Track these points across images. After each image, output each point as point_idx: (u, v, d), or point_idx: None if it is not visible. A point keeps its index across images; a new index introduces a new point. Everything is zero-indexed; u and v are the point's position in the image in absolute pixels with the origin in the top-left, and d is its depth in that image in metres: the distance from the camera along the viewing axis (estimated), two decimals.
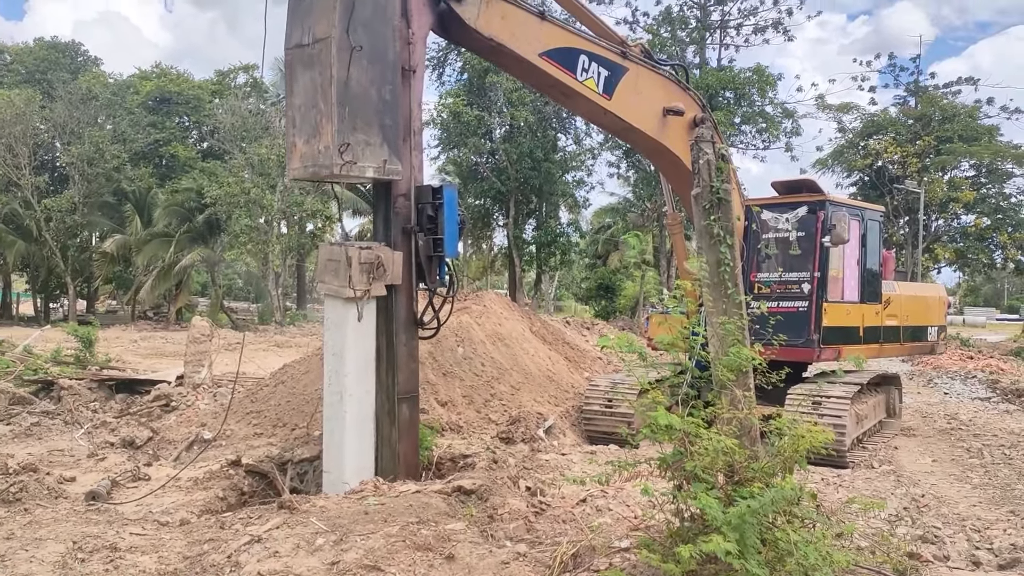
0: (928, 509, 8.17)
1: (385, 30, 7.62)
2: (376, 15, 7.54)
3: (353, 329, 7.81)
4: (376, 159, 7.54)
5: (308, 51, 7.49)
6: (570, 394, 13.17)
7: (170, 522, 7.06)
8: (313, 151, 7.45)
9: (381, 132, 7.59)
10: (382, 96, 7.61)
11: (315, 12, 7.46)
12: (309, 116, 7.48)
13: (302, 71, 7.58)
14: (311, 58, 7.46)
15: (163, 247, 40.75)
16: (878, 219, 13.30)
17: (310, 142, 7.49)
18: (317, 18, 7.42)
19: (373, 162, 7.51)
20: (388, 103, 7.66)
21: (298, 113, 7.63)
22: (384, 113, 7.62)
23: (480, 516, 6.39)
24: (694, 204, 6.07)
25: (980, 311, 76.39)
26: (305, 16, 7.57)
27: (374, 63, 7.52)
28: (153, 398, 13.72)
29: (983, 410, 16.05)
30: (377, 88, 7.56)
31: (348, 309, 7.75)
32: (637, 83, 10.00)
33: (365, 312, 7.85)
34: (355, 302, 7.71)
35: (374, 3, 7.55)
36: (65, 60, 51.43)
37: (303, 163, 7.60)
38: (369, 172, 7.52)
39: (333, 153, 7.21)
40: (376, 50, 7.53)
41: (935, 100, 44.43)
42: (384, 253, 7.83)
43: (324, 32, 7.31)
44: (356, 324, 7.81)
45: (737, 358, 5.30)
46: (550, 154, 39.36)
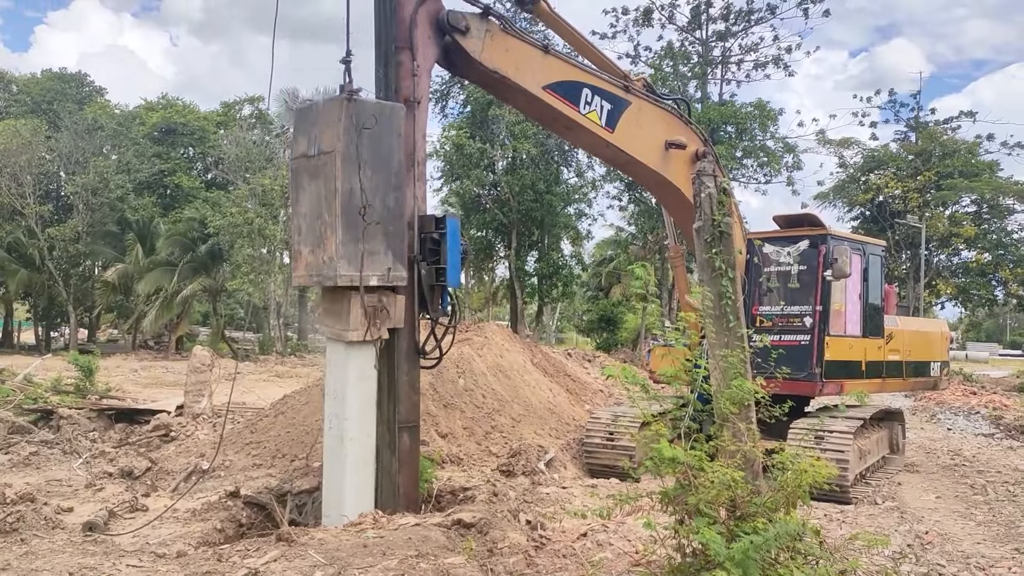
0: (932, 546, 8.09)
1: (390, 139, 7.68)
2: (382, 125, 7.60)
3: (355, 372, 7.79)
4: (380, 268, 7.60)
5: (314, 162, 7.57)
6: (571, 427, 13.10)
7: (167, 554, 6.99)
8: (318, 261, 7.56)
9: (385, 241, 7.64)
10: (386, 204, 7.65)
11: (320, 124, 7.56)
12: (314, 226, 7.57)
13: (308, 180, 7.66)
14: (316, 169, 7.54)
15: (165, 276, 40.83)
16: (880, 253, 13.31)
17: (315, 252, 7.59)
18: (322, 129, 7.51)
19: (377, 271, 7.58)
20: (392, 210, 7.71)
21: (304, 222, 7.73)
22: (388, 221, 7.67)
23: (480, 550, 6.32)
24: (696, 237, 6.08)
25: (983, 346, 76.16)
26: (311, 127, 7.67)
27: (378, 172, 7.57)
28: (152, 428, 13.66)
29: (987, 446, 15.94)
30: (381, 196, 7.61)
31: (350, 353, 7.74)
32: (639, 116, 10.07)
33: (367, 355, 7.83)
34: (357, 346, 7.69)
35: (379, 114, 7.62)
36: (71, 91, 51.95)
37: (308, 272, 7.73)
38: (373, 281, 7.58)
39: (337, 264, 7.30)
40: (381, 159, 7.59)
41: (935, 136, 44.70)
42: (387, 296, 7.83)
43: (329, 145, 7.39)
44: (358, 367, 7.80)
45: (739, 391, 5.28)
46: (552, 186, 39.55)
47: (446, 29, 8.30)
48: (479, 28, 8.53)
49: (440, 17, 8.30)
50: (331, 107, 7.50)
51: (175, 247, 42.24)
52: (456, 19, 8.32)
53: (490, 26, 8.64)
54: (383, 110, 7.70)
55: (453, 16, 8.30)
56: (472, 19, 8.48)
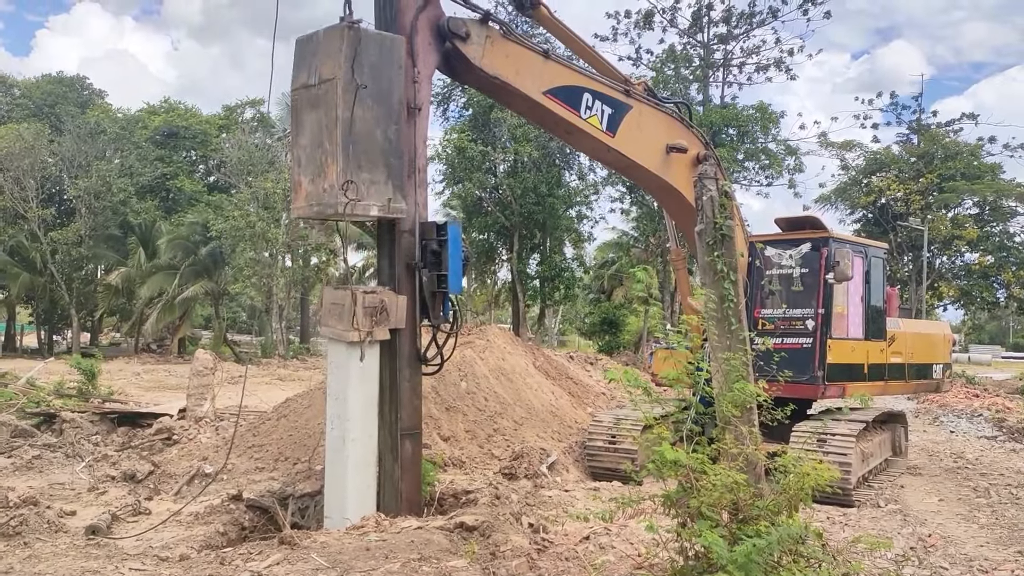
0: (935, 549, 8.08)
1: (391, 71, 7.68)
2: (382, 56, 7.60)
3: (356, 373, 7.79)
4: (381, 198, 7.57)
5: (314, 91, 7.54)
6: (573, 429, 13.10)
7: (170, 557, 7.00)
8: (318, 190, 7.50)
9: (386, 171, 7.63)
10: (387, 136, 7.65)
11: (321, 53, 7.54)
12: (314, 156, 7.53)
13: (308, 111, 7.64)
14: (317, 98, 7.51)
15: (167, 280, 40.89)
16: (882, 256, 13.31)
17: (315, 181, 7.53)
18: (323, 59, 7.49)
19: (378, 201, 7.55)
20: (393, 143, 7.71)
21: (303, 153, 7.69)
22: (389, 152, 7.67)
23: (482, 553, 6.33)
24: (698, 240, 6.09)
25: (985, 349, 75.97)
26: (311, 57, 7.64)
27: (379, 103, 7.56)
28: (155, 431, 13.66)
29: (989, 449, 15.92)
30: (382, 128, 7.60)
31: (351, 353, 7.73)
32: (640, 120, 10.08)
33: (368, 356, 7.83)
34: (358, 346, 7.70)
35: (380, 44, 7.62)
36: (72, 94, 52.04)
37: (308, 202, 7.65)
38: (373, 211, 7.56)
39: (338, 192, 7.23)
40: (381, 91, 7.58)
41: (937, 138, 44.70)
42: (388, 297, 7.83)
43: (330, 73, 7.37)
44: (359, 368, 7.79)
45: (741, 394, 5.29)
46: (554, 189, 39.57)
47: (446, 35, 8.31)
48: (479, 34, 8.53)
49: (440, 23, 8.30)
50: (331, 36, 7.45)
51: (177, 251, 42.31)
52: (456, 25, 8.32)
53: (490, 32, 8.64)
54: (384, 41, 7.69)
55: (453, 22, 8.30)
56: (472, 25, 8.48)
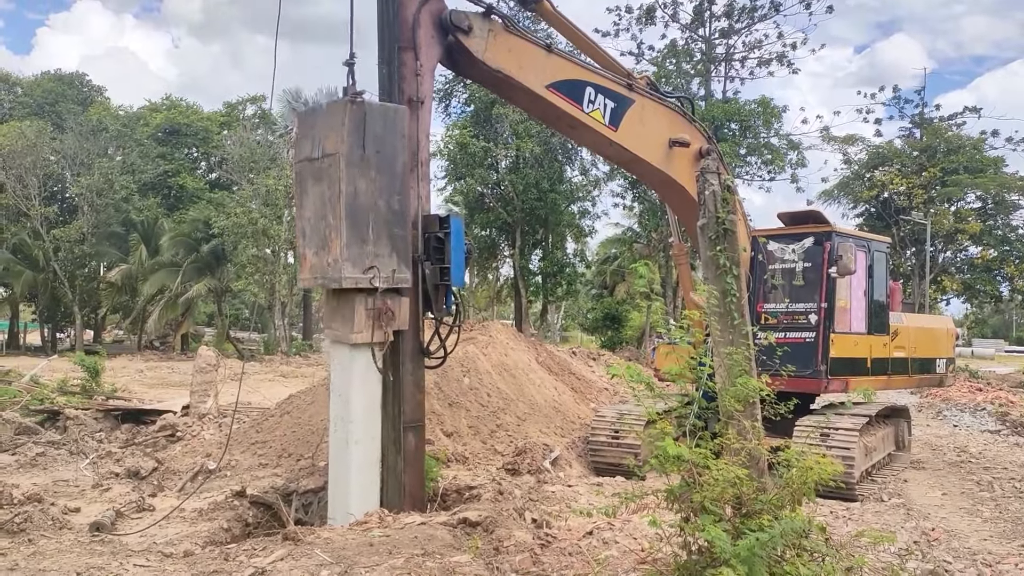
0: (939, 543, 8.07)
1: (394, 140, 7.67)
2: (386, 127, 7.59)
3: (359, 375, 7.78)
4: (386, 270, 7.60)
5: (317, 165, 7.56)
6: (576, 425, 13.10)
7: (174, 553, 7.01)
8: (322, 263, 7.55)
9: (390, 243, 7.64)
10: (391, 206, 7.65)
11: (324, 127, 7.55)
12: (319, 228, 7.57)
13: (312, 184, 7.66)
14: (320, 172, 7.53)
15: (170, 277, 40.93)
16: (884, 250, 13.28)
17: (319, 254, 7.58)
18: (326, 132, 7.50)
19: (382, 273, 7.58)
20: (396, 212, 7.70)
21: (308, 225, 7.73)
22: (393, 223, 7.67)
23: (486, 548, 6.33)
24: (700, 235, 6.08)
25: (989, 343, 75.94)
26: (314, 130, 7.67)
27: (383, 174, 7.56)
28: (159, 428, 13.69)
29: (993, 443, 15.90)
30: (386, 199, 7.60)
31: (354, 355, 7.73)
32: (643, 115, 10.07)
33: (371, 357, 7.81)
34: (361, 348, 7.68)
35: (383, 116, 7.62)
36: (72, 92, 52.06)
37: (313, 274, 7.72)
38: (378, 283, 7.57)
39: (342, 266, 7.30)
40: (385, 161, 7.59)
41: (940, 132, 44.60)
42: (391, 299, 7.83)
43: (333, 147, 7.39)
44: (362, 370, 7.78)
45: (744, 389, 5.28)
46: (556, 184, 39.56)
47: (449, 29, 8.30)
48: (482, 27, 8.52)
49: (443, 17, 8.29)
50: (334, 110, 7.51)
51: (179, 248, 42.35)
52: (459, 19, 8.31)
53: (493, 25, 8.63)
54: (387, 112, 7.70)
55: (456, 16, 8.29)
56: (475, 18, 8.47)
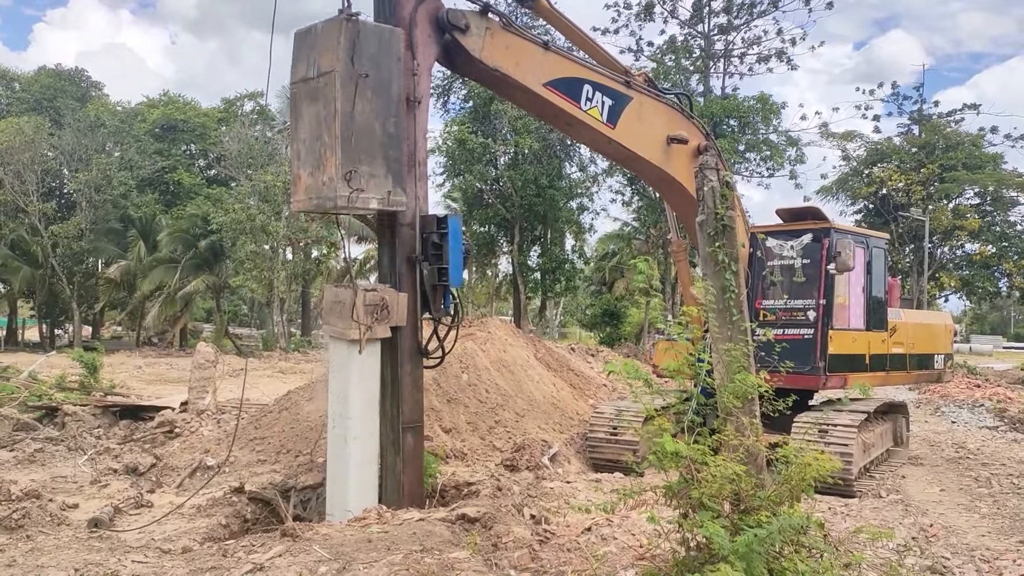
0: (937, 539, 8.09)
1: (390, 63, 7.65)
2: (381, 48, 7.57)
3: (358, 372, 7.77)
4: (380, 191, 7.53)
5: (313, 84, 7.52)
6: (575, 421, 13.11)
7: (172, 550, 7.02)
8: (317, 183, 7.47)
9: (385, 164, 7.60)
10: (386, 129, 7.62)
11: (320, 46, 7.51)
12: (314, 149, 7.50)
13: (307, 104, 7.61)
14: (316, 91, 7.49)
15: (168, 273, 40.90)
16: (883, 246, 13.28)
17: (314, 174, 7.51)
18: (322, 52, 7.46)
19: (377, 193, 7.52)
20: (392, 135, 7.68)
21: (303, 146, 7.66)
22: (388, 145, 7.64)
23: (484, 544, 6.33)
24: (699, 231, 6.08)
25: (987, 339, 76.00)
26: (310, 50, 7.62)
27: (378, 96, 7.53)
28: (157, 424, 13.67)
29: (991, 439, 15.92)
30: (381, 121, 7.57)
31: (352, 351, 7.71)
32: (641, 112, 10.05)
33: (369, 354, 7.81)
34: (359, 344, 7.68)
35: (379, 37, 7.59)
36: (71, 87, 51.97)
37: (307, 195, 7.62)
38: (373, 204, 7.52)
39: (337, 185, 7.20)
40: (381, 83, 7.56)
41: (939, 128, 44.60)
42: (389, 295, 7.81)
43: (329, 66, 7.35)
44: (360, 367, 7.77)
45: (743, 385, 5.28)
46: (555, 181, 39.52)
47: (446, 27, 8.27)
48: (479, 26, 8.50)
49: (440, 15, 8.27)
50: (330, 29, 7.43)
51: (178, 244, 42.32)
52: (456, 17, 8.28)
53: (490, 24, 8.61)
54: (382, 33, 7.66)
55: (453, 14, 8.27)
56: (472, 17, 8.45)
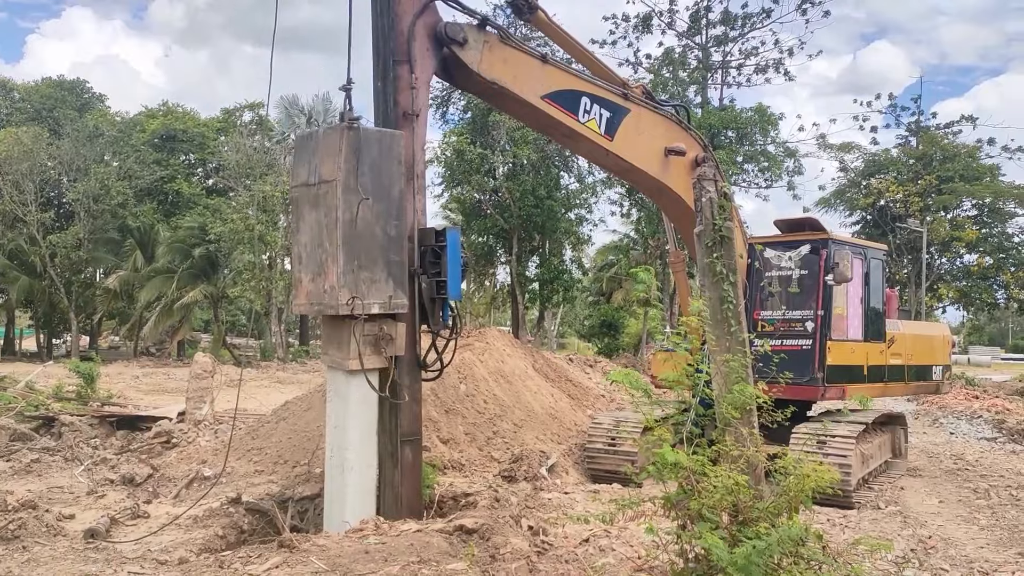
0: (935, 551, 8.07)
1: (391, 167, 7.66)
2: (382, 153, 7.58)
3: (356, 402, 7.74)
4: (381, 295, 7.56)
5: (314, 191, 7.54)
6: (573, 432, 13.09)
7: (168, 560, 7.00)
8: (319, 290, 7.52)
9: (386, 268, 7.61)
10: (387, 233, 7.62)
11: (321, 153, 7.54)
12: (315, 255, 7.55)
13: (308, 209, 7.64)
14: (317, 198, 7.51)
15: (166, 283, 40.86)
16: (881, 257, 13.31)
17: (315, 280, 7.56)
18: (323, 159, 7.49)
19: (378, 299, 7.54)
20: (393, 238, 7.68)
21: (304, 251, 7.72)
22: (389, 249, 7.64)
23: (482, 556, 6.31)
24: (697, 242, 6.09)
25: (985, 350, 75.88)
26: (311, 156, 7.65)
27: (379, 201, 7.53)
28: (154, 435, 13.66)
29: (989, 450, 15.92)
30: (382, 225, 7.58)
31: (350, 381, 7.69)
32: (639, 124, 10.08)
33: (367, 383, 7.76)
34: (357, 375, 7.64)
35: (379, 142, 7.61)
36: (71, 98, 52.03)
37: (309, 300, 7.69)
38: (375, 309, 7.53)
39: (339, 294, 7.26)
40: (382, 188, 7.55)
41: (936, 140, 44.75)
42: (387, 325, 7.79)
43: (330, 174, 7.36)
44: (358, 397, 7.74)
45: (741, 396, 5.28)
46: (553, 192, 39.56)
47: (444, 41, 8.28)
48: (477, 39, 8.50)
49: (438, 29, 8.27)
50: (331, 135, 7.49)
51: (176, 254, 42.29)
52: (454, 31, 8.28)
53: (488, 37, 8.61)
54: (383, 138, 7.69)
55: (451, 28, 8.27)
56: (470, 30, 8.45)
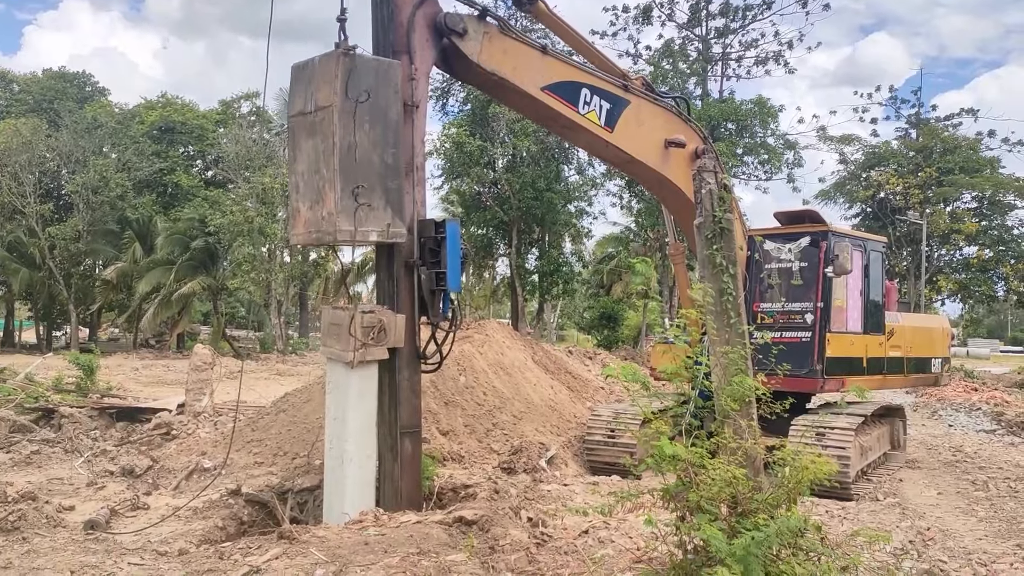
0: (934, 542, 8.08)
1: (387, 94, 7.61)
2: (378, 81, 7.54)
3: (355, 394, 7.76)
4: (379, 223, 7.53)
5: (310, 119, 7.52)
6: (572, 424, 13.10)
7: (168, 552, 7.01)
8: (316, 217, 7.48)
9: (384, 195, 7.58)
10: (384, 160, 7.60)
11: (317, 80, 7.50)
12: (312, 182, 7.51)
13: (305, 138, 7.62)
14: (313, 126, 7.49)
15: (165, 275, 40.83)
16: (880, 250, 13.30)
17: (313, 208, 7.52)
18: (319, 86, 7.46)
19: (376, 226, 7.51)
20: (390, 165, 7.65)
21: (301, 179, 7.68)
22: (387, 176, 7.61)
23: (481, 547, 6.32)
24: (697, 234, 6.08)
25: (984, 343, 75.92)
26: (307, 84, 7.62)
27: (376, 127, 7.51)
28: (154, 426, 13.66)
29: (988, 442, 15.94)
30: (380, 152, 7.55)
31: (349, 373, 7.70)
32: (639, 116, 10.06)
33: (366, 375, 7.78)
34: (357, 367, 7.65)
35: (375, 69, 7.57)
36: (72, 90, 51.88)
37: (307, 229, 7.65)
38: (373, 236, 7.51)
39: (337, 219, 7.22)
40: (378, 115, 7.53)
41: (936, 132, 44.70)
42: (387, 317, 7.78)
43: (326, 100, 7.34)
44: (358, 389, 7.76)
45: (740, 388, 5.28)
46: (553, 184, 39.50)
47: (444, 32, 8.26)
48: (477, 30, 8.48)
49: (438, 20, 8.25)
50: (327, 63, 7.43)
51: (175, 246, 42.24)
52: (454, 21, 8.25)
53: (488, 28, 8.59)
54: (379, 65, 7.65)
55: (451, 19, 8.24)
56: (470, 21, 8.43)
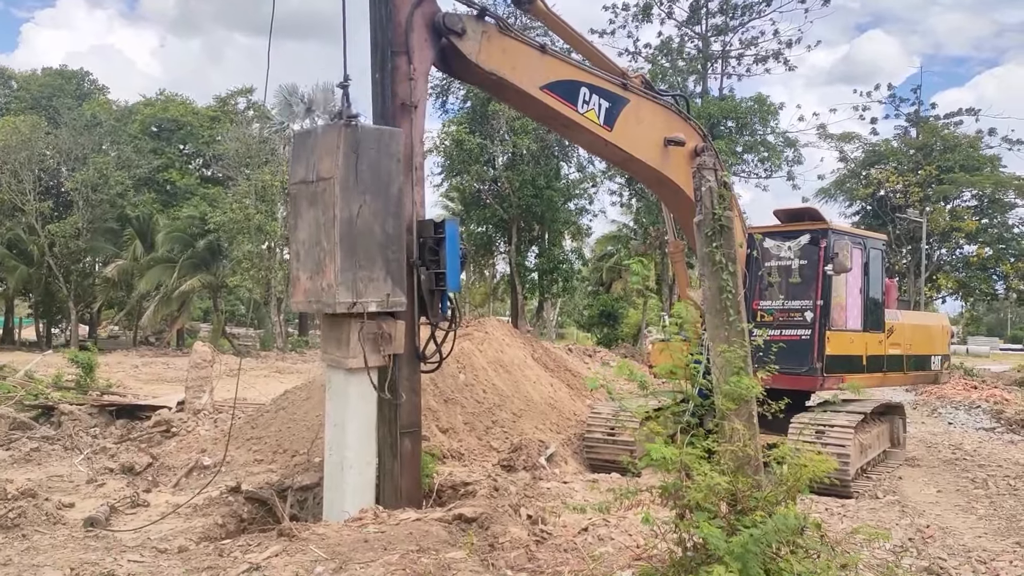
0: (933, 540, 8.09)
1: (389, 164, 7.62)
2: (380, 151, 7.55)
3: (355, 400, 7.75)
4: (379, 293, 7.56)
5: (312, 188, 7.54)
6: (572, 422, 13.11)
7: (168, 549, 7.01)
8: (317, 287, 7.52)
9: (384, 267, 7.60)
10: (385, 230, 7.61)
11: (319, 151, 7.52)
12: (313, 253, 7.55)
13: (307, 207, 7.63)
14: (315, 196, 7.50)
15: (165, 273, 40.83)
16: (880, 248, 13.30)
17: (313, 278, 7.56)
18: (321, 156, 7.47)
19: (376, 296, 7.53)
20: (391, 235, 7.66)
21: (302, 248, 7.71)
22: (387, 247, 7.62)
23: (481, 545, 6.33)
24: (696, 232, 6.07)
25: (984, 340, 75.95)
26: (309, 154, 7.64)
27: (377, 198, 7.51)
28: (153, 424, 13.66)
29: (988, 440, 15.95)
30: (380, 222, 7.56)
31: (350, 380, 7.70)
32: (638, 114, 10.04)
33: (366, 383, 7.77)
34: (357, 373, 7.64)
35: (377, 139, 7.58)
36: (71, 87, 51.84)
37: (307, 298, 7.70)
38: (372, 307, 7.53)
39: (336, 291, 7.26)
40: (379, 185, 7.53)
41: (936, 130, 44.68)
42: (387, 324, 7.79)
43: (328, 172, 7.35)
44: (358, 395, 7.75)
45: (739, 386, 5.27)
46: (552, 182, 39.51)
47: (442, 31, 8.23)
48: (475, 29, 8.45)
49: (436, 20, 8.22)
50: (329, 133, 7.48)
51: (175, 243, 42.25)
52: (452, 21, 8.22)
53: (486, 27, 8.56)
54: (381, 135, 7.66)
55: (449, 18, 8.21)
56: (468, 21, 8.39)
